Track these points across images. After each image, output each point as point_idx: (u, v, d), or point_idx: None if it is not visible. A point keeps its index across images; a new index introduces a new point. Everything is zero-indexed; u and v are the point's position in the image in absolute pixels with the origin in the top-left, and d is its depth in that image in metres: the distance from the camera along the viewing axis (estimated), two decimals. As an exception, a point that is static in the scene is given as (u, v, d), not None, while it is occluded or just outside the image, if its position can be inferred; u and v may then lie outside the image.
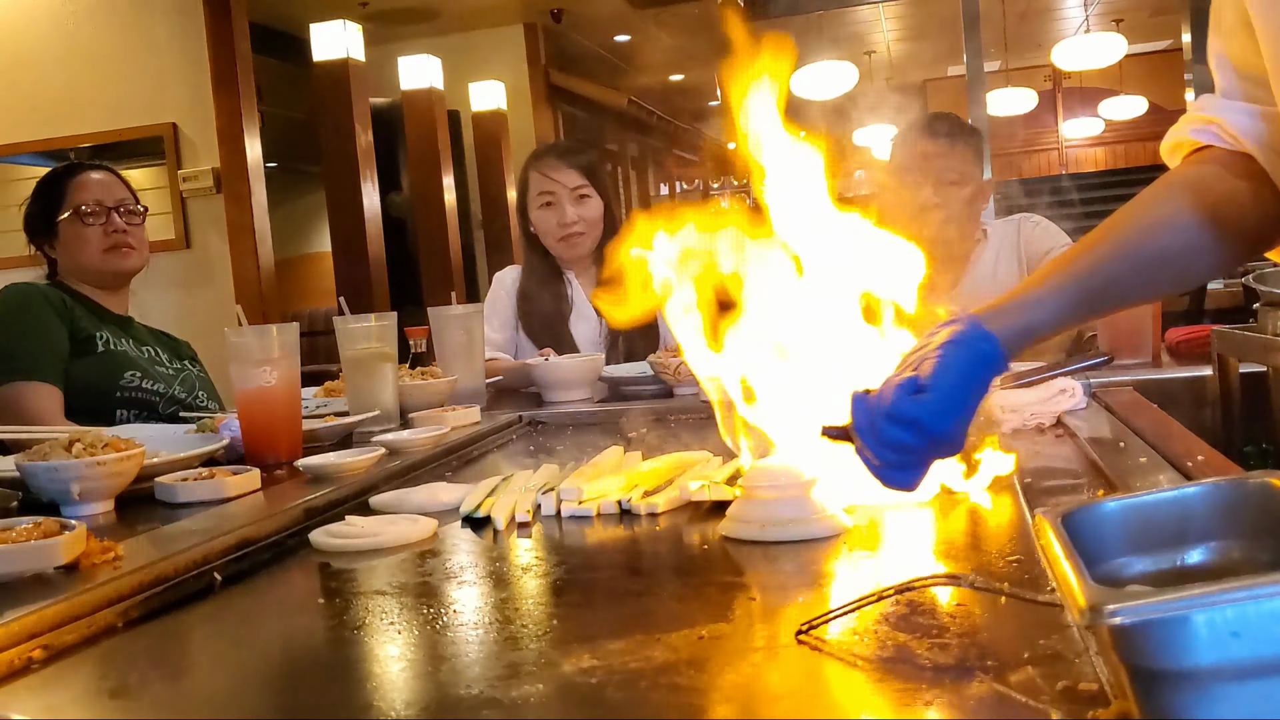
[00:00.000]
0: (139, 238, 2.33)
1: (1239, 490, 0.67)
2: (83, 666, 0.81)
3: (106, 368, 2.14)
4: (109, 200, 2.28)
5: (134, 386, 2.15)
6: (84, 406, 2.06)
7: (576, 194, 2.57)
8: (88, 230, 2.25)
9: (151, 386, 2.17)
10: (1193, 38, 5.64)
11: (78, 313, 2.18)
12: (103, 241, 2.26)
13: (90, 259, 2.25)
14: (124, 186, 2.36)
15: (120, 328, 2.27)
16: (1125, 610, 0.50)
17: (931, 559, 0.94)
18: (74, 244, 2.26)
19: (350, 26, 5.34)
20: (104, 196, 2.28)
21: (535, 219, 2.62)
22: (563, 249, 2.60)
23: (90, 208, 2.25)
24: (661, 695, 0.66)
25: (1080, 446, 1.31)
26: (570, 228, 2.56)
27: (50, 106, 5.11)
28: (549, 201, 2.58)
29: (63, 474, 1.18)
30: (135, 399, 2.15)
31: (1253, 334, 1.62)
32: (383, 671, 0.77)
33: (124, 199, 2.32)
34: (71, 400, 2.07)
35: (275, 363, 1.51)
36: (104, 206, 2.27)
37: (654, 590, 0.88)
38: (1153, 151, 2.91)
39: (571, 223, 2.56)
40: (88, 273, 2.27)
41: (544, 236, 2.62)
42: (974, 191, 2.49)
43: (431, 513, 1.19)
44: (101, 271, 2.27)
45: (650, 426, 1.77)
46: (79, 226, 2.25)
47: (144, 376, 2.17)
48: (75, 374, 2.10)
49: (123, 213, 2.29)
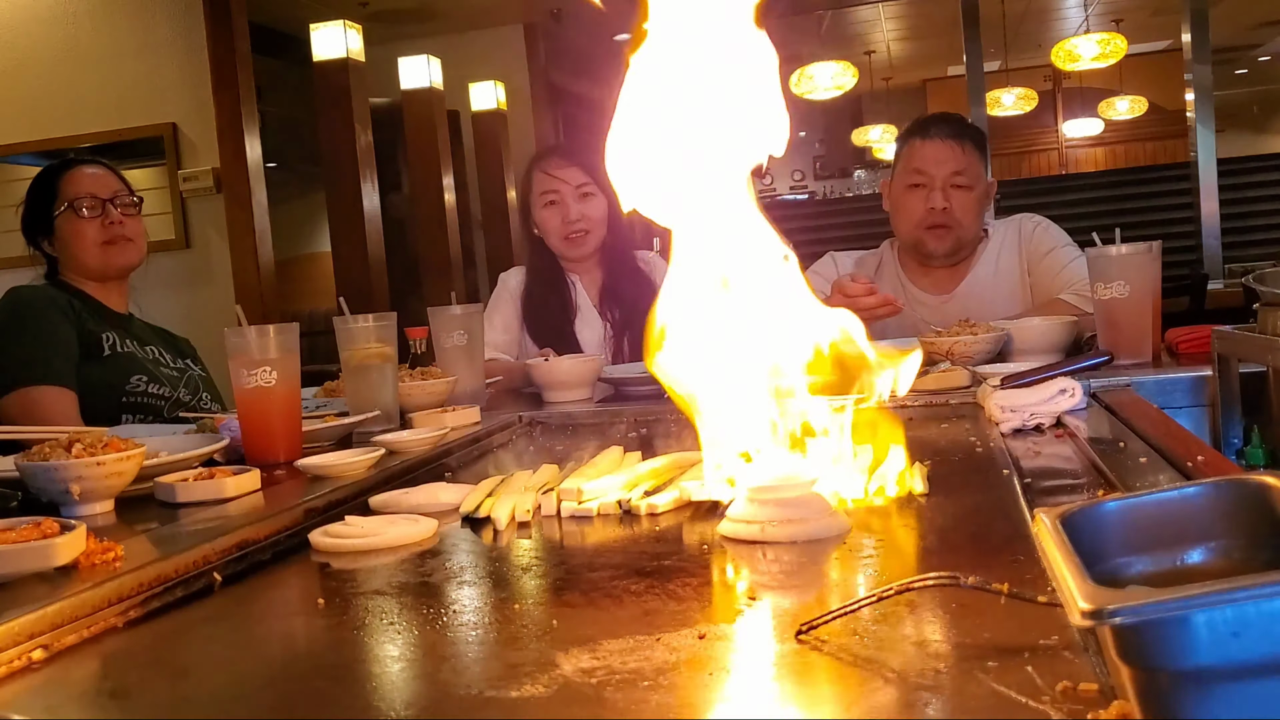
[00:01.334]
0: (136, 230, 2.32)
1: (1239, 490, 0.67)
2: (83, 667, 0.81)
3: (114, 370, 2.14)
4: (104, 193, 2.27)
5: (140, 390, 2.14)
6: (90, 410, 2.05)
7: (580, 192, 2.56)
8: (84, 224, 2.24)
9: (158, 390, 2.17)
10: (1193, 38, 5.64)
11: (84, 314, 2.17)
12: (100, 235, 2.25)
13: (88, 254, 2.24)
14: (118, 179, 2.34)
15: (123, 327, 2.27)
16: (1125, 610, 0.50)
17: (931, 559, 0.94)
18: (71, 240, 2.25)
19: (350, 26, 5.34)
20: (98, 190, 2.27)
21: (539, 219, 2.62)
22: (567, 248, 2.60)
23: (86, 201, 2.24)
24: (661, 695, 0.66)
25: (1080, 446, 1.31)
26: (574, 226, 2.56)
27: (50, 106, 5.11)
28: (552, 200, 2.58)
29: (62, 474, 1.18)
30: (141, 403, 2.14)
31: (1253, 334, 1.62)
32: (383, 672, 0.77)
33: (119, 191, 2.31)
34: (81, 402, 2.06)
35: (275, 363, 1.51)
36: (99, 200, 2.26)
37: (654, 590, 0.88)
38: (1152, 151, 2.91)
39: (575, 220, 2.55)
40: (87, 268, 2.26)
41: (548, 236, 2.62)
42: (981, 192, 2.49)
43: (431, 513, 1.19)
44: (101, 266, 2.26)
45: (650, 426, 1.77)
46: (76, 221, 2.24)
47: (150, 380, 2.17)
48: (83, 377, 2.10)
49: (118, 205, 2.28)
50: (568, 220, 2.56)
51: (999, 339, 2.00)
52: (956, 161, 2.43)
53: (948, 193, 2.43)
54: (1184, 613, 0.49)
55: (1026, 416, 1.44)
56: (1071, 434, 1.38)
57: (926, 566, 0.90)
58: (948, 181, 2.43)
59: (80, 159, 2.37)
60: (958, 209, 2.43)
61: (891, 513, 1.09)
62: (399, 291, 5.79)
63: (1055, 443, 1.37)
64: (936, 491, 1.16)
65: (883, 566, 0.93)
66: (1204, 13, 5.61)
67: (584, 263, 2.64)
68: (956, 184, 2.43)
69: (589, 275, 2.66)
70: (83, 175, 2.29)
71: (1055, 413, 1.45)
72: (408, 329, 2.05)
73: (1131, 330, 1.88)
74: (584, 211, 2.55)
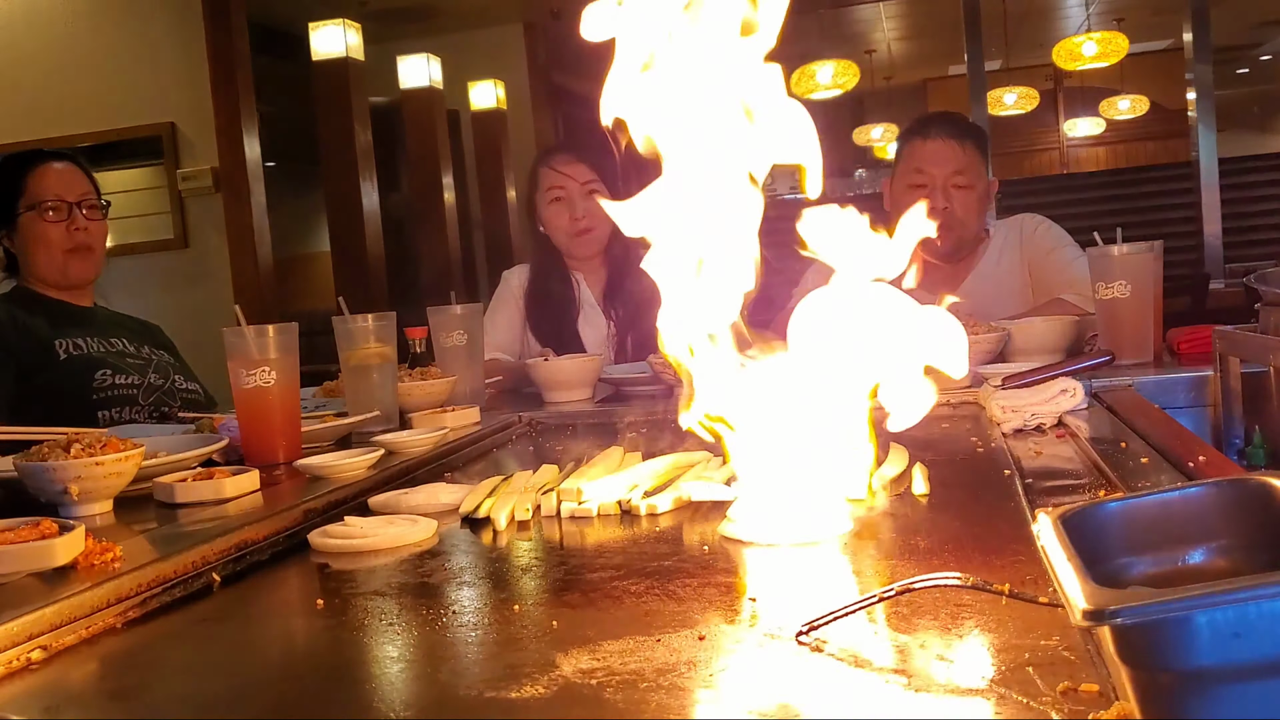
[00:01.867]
0: (99, 237, 2.29)
1: (1240, 491, 0.67)
2: (81, 667, 0.81)
3: (74, 372, 2.12)
4: (71, 195, 2.24)
5: (108, 384, 2.13)
6: (61, 415, 2.02)
7: (587, 189, 2.55)
8: (48, 229, 2.21)
9: (125, 380, 2.16)
10: (1194, 37, 5.63)
11: (34, 323, 2.16)
12: (65, 241, 2.22)
13: (51, 262, 2.22)
14: (86, 179, 2.31)
15: (83, 324, 2.25)
16: (1126, 611, 0.50)
17: (932, 559, 0.94)
18: (33, 244, 2.22)
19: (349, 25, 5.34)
20: (65, 192, 2.24)
21: (545, 216, 2.60)
22: (574, 246, 2.59)
23: (52, 204, 2.21)
24: (661, 696, 0.66)
25: (1081, 447, 1.30)
26: (580, 223, 2.55)
27: (48, 106, 5.11)
28: (559, 197, 2.56)
29: (61, 474, 1.18)
30: (112, 396, 2.13)
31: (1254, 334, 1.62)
32: (382, 673, 0.77)
33: (86, 194, 2.28)
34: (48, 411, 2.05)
35: (274, 363, 1.51)
36: (65, 203, 2.23)
37: (654, 590, 0.88)
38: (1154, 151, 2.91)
39: (581, 218, 2.54)
40: (45, 277, 2.24)
41: (554, 233, 2.60)
42: (983, 192, 2.49)
43: (431, 514, 1.19)
44: (59, 278, 2.24)
45: (650, 426, 1.77)
46: (40, 225, 2.21)
47: (115, 371, 2.16)
48: (41, 385, 2.09)
49: (85, 208, 2.26)
50: (575, 217, 2.55)
51: (1000, 339, 1.99)
52: (957, 161, 2.43)
53: (949, 192, 2.43)
54: (1185, 613, 0.49)
55: (1028, 416, 1.44)
56: (1073, 434, 1.38)
57: (927, 567, 0.89)
58: (949, 181, 2.42)
59: (49, 152, 2.33)
60: (959, 208, 2.43)
61: (892, 513, 1.09)
62: (398, 291, 5.79)
63: (1056, 443, 1.37)
64: (937, 492, 1.16)
65: (883, 567, 0.93)
66: (1205, 12, 5.61)
67: (589, 261, 2.64)
68: (957, 183, 2.42)
69: (593, 274, 2.65)
70: (51, 173, 2.25)
71: (1056, 413, 1.45)
72: (407, 329, 2.04)
73: (1133, 330, 1.88)
74: (590, 209, 2.54)
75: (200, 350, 2.50)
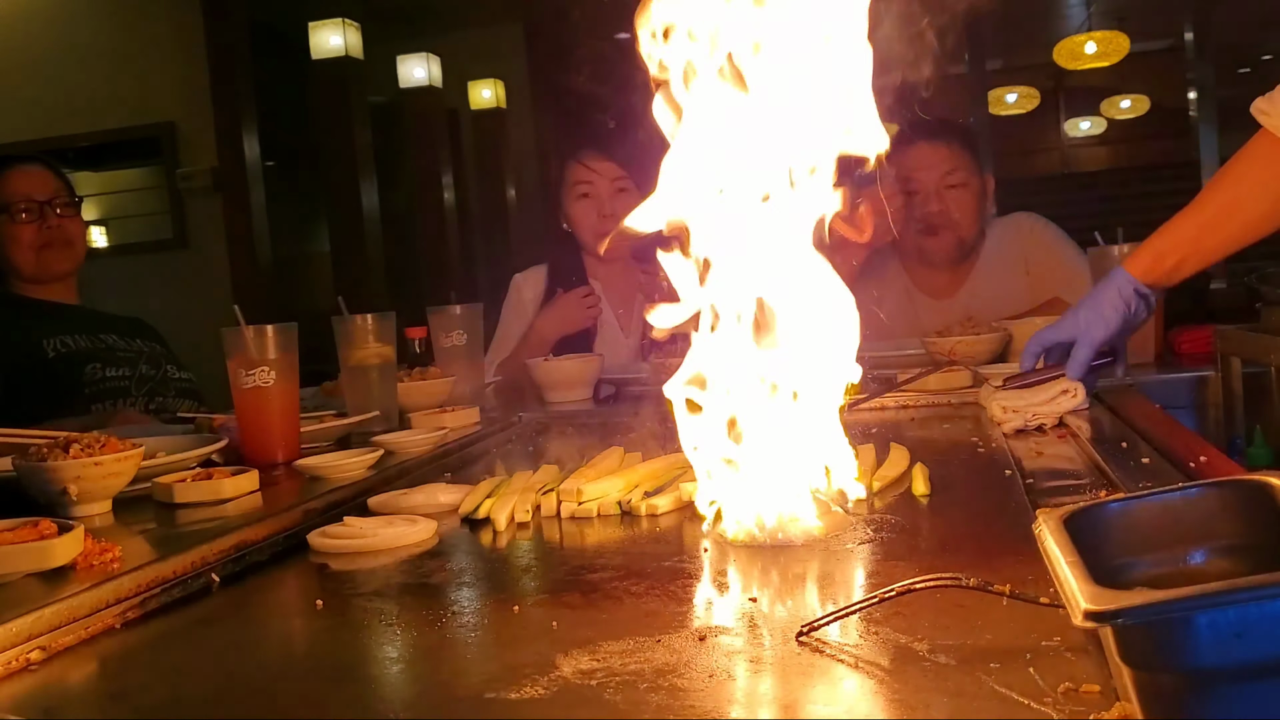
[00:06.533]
0: (76, 232, 2.31)
1: (1241, 491, 0.67)
2: (80, 668, 0.81)
3: (65, 368, 2.14)
4: (41, 195, 2.26)
5: (98, 378, 2.14)
6: (54, 411, 2.03)
7: (616, 186, 2.50)
8: (20, 229, 2.24)
9: (116, 373, 2.17)
10: (1195, 36, 5.64)
11: (19, 325, 2.17)
12: (36, 239, 2.24)
13: (25, 259, 2.25)
14: (58, 179, 2.33)
15: (70, 321, 2.26)
16: (1128, 612, 0.50)
17: (933, 560, 0.94)
18: (9, 245, 2.25)
19: (349, 25, 5.34)
20: (35, 192, 2.26)
21: (571, 212, 2.55)
22: (599, 244, 2.54)
23: (21, 204, 2.23)
24: (661, 697, 0.65)
25: (1083, 447, 1.30)
26: (608, 221, 2.48)
27: (47, 106, 5.11)
28: (586, 193, 2.51)
29: (60, 474, 1.18)
30: (104, 389, 2.14)
31: (1255, 334, 1.62)
32: (382, 673, 0.77)
33: (57, 192, 2.30)
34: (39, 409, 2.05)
35: (273, 363, 1.51)
36: (36, 202, 2.25)
37: (654, 591, 0.88)
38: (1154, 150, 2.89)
39: (610, 215, 2.48)
40: (22, 274, 2.26)
41: (580, 231, 2.54)
42: (978, 189, 2.48)
43: (430, 514, 1.19)
44: (36, 271, 2.26)
45: (650, 427, 1.77)
46: (10, 226, 2.24)
47: (106, 364, 2.17)
48: (31, 384, 2.10)
49: (57, 206, 2.27)
50: (602, 214, 2.49)
51: (1001, 339, 1.99)
52: (945, 162, 2.41)
53: (942, 194, 2.42)
54: (1187, 614, 0.49)
55: (1029, 417, 1.44)
56: (1074, 434, 1.38)
57: (928, 567, 0.89)
58: (940, 183, 2.41)
59: (19, 156, 2.36)
60: (955, 208, 2.42)
61: (892, 513, 1.09)
62: (398, 291, 5.79)
63: (1057, 443, 1.37)
64: (938, 492, 1.16)
65: (884, 567, 0.93)
66: (1206, 12, 5.61)
67: (611, 265, 2.59)
68: (950, 184, 2.42)
69: (613, 280, 2.58)
70: (19, 176, 2.27)
71: (1057, 413, 1.44)
72: (407, 329, 2.04)
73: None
74: (618, 207, 2.48)
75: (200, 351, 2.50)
